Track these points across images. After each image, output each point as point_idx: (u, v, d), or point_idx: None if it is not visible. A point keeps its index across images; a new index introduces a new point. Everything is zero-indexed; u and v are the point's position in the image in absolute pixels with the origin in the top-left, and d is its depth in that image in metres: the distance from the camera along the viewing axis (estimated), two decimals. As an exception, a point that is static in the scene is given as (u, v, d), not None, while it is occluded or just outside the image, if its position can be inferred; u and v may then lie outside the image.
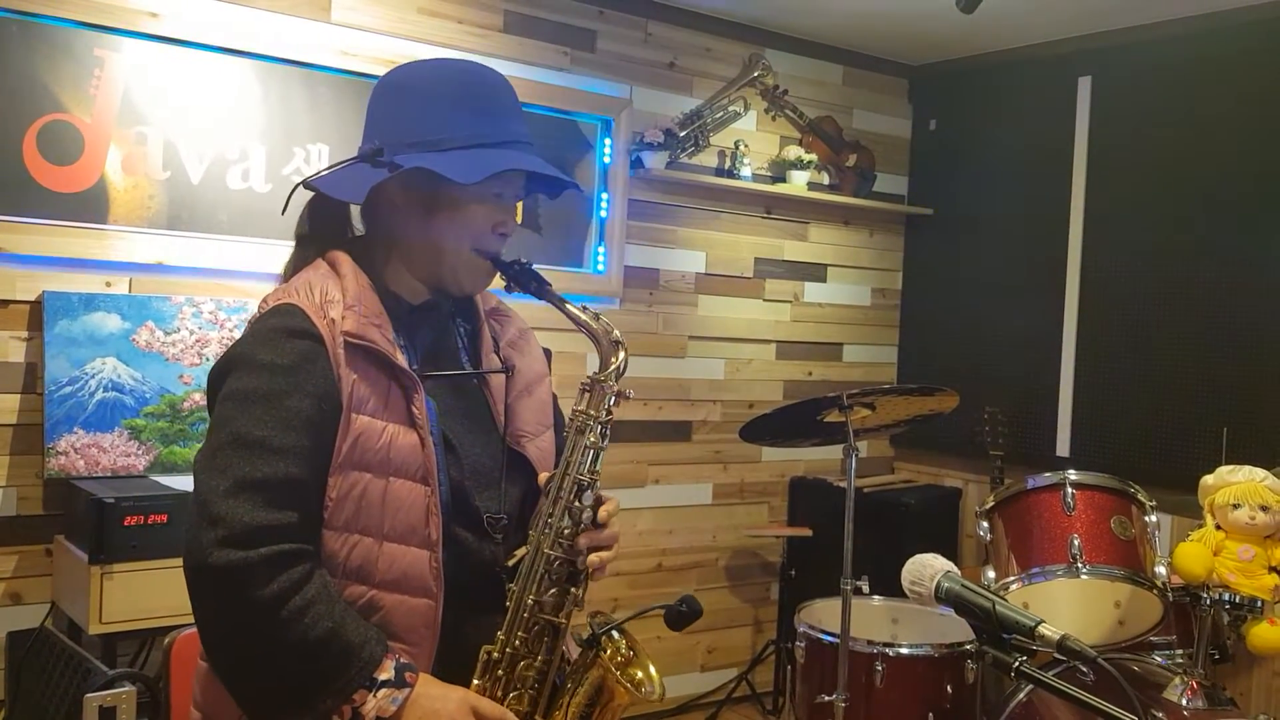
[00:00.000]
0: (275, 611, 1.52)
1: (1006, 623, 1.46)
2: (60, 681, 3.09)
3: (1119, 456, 4.49)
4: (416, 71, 1.79)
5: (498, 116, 1.75)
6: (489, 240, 1.77)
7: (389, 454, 1.64)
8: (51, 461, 3.29)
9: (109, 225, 3.46)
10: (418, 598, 1.65)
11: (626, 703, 1.73)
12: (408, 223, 1.75)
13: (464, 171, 1.66)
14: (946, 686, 3.24)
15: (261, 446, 1.56)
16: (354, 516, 1.63)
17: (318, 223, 1.82)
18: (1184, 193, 4.43)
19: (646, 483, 4.74)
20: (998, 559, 3.19)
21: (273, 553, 1.53)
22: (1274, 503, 2.89)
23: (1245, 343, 4.22)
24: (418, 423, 1.67)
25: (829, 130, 5.11)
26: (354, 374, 1.64)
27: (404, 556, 1.65)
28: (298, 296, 1.68)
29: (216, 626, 1.58)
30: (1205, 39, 4.37)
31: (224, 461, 1.56)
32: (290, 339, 1.63)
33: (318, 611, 1.54)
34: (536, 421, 1.88)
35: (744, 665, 4.99)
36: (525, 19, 4.32)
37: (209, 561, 1.52)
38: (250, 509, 1.53)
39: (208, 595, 1.56)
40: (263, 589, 1.52)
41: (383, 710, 1.56)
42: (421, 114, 1.72)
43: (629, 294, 4.63)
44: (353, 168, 1.75)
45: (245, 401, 1.60)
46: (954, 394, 3.26)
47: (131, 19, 3.46)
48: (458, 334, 1.87)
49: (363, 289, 1.71)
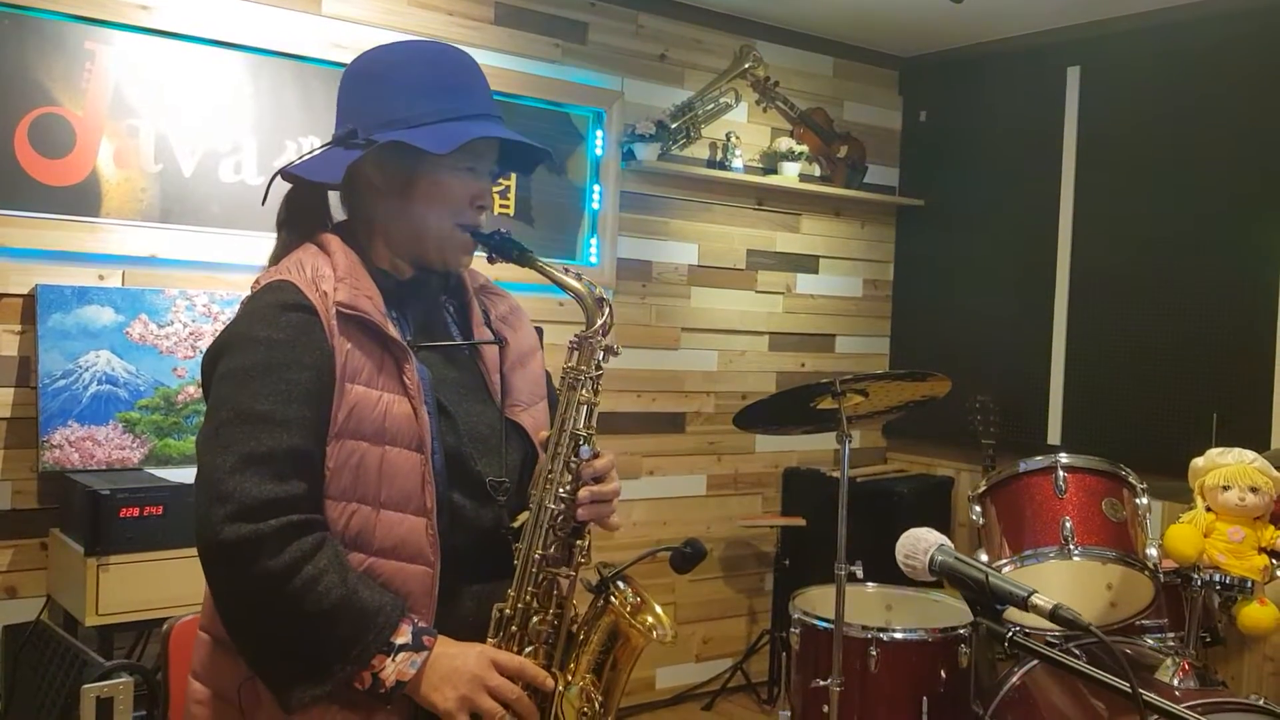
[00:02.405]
0: (288, 581, 1.54)
1: (1000, 594, 1.47)
2: (57, 674, 3.09)
3: (1109, 444, 4.50)
4: (384, 55, 1.80)
5: (466, 92, 1.77)
6: (468, 214, 1.78)
7: (384, 423, 1.65)
8: (46, 455, 3.29)
9: (101, 218, 3.46)
10: (416, 564, 1.66)
11: (641, 646, 1.76)
12: (387, 202, 1.77)
13: (436, 142, 1.68)
14: (940, 670, 3.26)
15: (264, 420, 1.57)
16: (351, 485, 1.64)
17: (296, 211, 1.83)
18: (1173, 181, 4.45)
19: (641, 474, 4.75)
20: (990, 542, 3.20)
21: (283, 524, 1.55)
22: (1263, 484, 2.91)
23: (1234, 329, 4.25)
24: (410, 391, 1.68)
25: (819, 122, 5.12)
26: (348, 344, 1.65)
27: (400, 524, 1.66)
28: (289, 274, 1.70)
29: (232, 601, 1.60)
30: (1193, 28, 4.40)
31: (227, 438, 1.57)
32: (285, 312, 1.64)
33: (331, 580, 1.56)
34: (530, 393, 1.90)
35: (739, 655, 5.01)
36: (516, 11, 4.33)
37: (220, 538, 1.53)
38: (258, 482, 1.55)
39: (221, 571, 1.58)
40: (275, 560, 1.53)
41: (402, 674, 1.58)
42: (392, 95, 1.74)
43: (622, 286, 4.64)
44: (328, 153, 1.77)
45: (244, 377, 1.61)
46: (946, 379, 3.28)
47: (123, 12, 3.46)
48: (446, 310, 1.89)
49: (353, 264, 1.73)
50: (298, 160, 1.79)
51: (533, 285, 4.20)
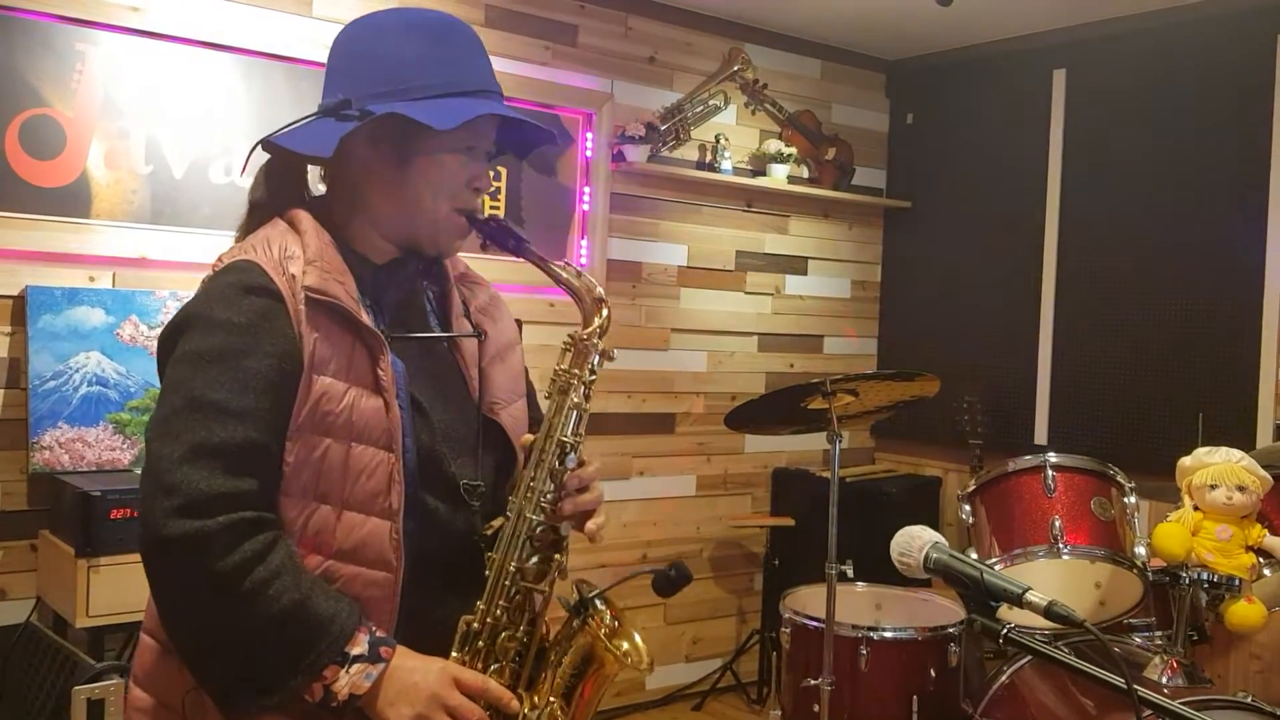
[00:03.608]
0: (237, 584, 1.43)
1: (994, 590, 1.49)
2: (47, 676, 3.08)
3: (1097, 443, 4.54)
4: (382, 20, 1.67)
5: (468, 63, 1.65)
6: (466, 196, 1.67)
7: (351, 417, 1.54)
8: (36, 456, 3.28)
9: (91, 220, 3.45)
10: (375, 570, 1.56)
11: (615, 672, 1.66)
12: (378, 180, 1.65)
13: (438, 118, 1.55)
14: (930, 669, 3.28)
15: (218, 409, 1.46)
16: (312, 483, 1.53)
17: (275, 185, 1.70)
18: (1158, 183, 4.48)
19: (631, 475, 4.76)
20: (980, 541, 3.22)
21: (233, 520, 1.43)
22: (1250, 483, 2.93)
23: (1220, 329, 4.28)
24: (383, 385, 1.57)
25: (808, 124, 5.14)
26: (315, 332, 1.54)
27: (362, 526, 1.55)
28: (254, 253, 1.58)
29: (175, 602, 1.48)
30: (1178, 31, 4.43)
31: (178, 426, 1.46)
32: (247, 295, 1.52)
33: (283, 583, 1.45)
34: (509, 389, 1.80)
35: (729, 655, 5.02)
36: (507, 13, 4.33)
37: (164, 533, 1.42)
38: (207, 475, 1.43)
39: (164, 569, 1.47)
40: (223, 560, 1.42)
41: (356, 687, 1.47)
42: (389, 63, 1.61)
43: (612, 287, 4.65)
44: (317, 123, 1.62)
45: (200, 362, 1.49)
46: (935, 378, 3.30)
47: (113, 13, 3.45)
48: (425, 296, 1.77)
49: (324, 245, 1.61)
50: (283, 129, 1.64)
51: (521, 284, 4.26)
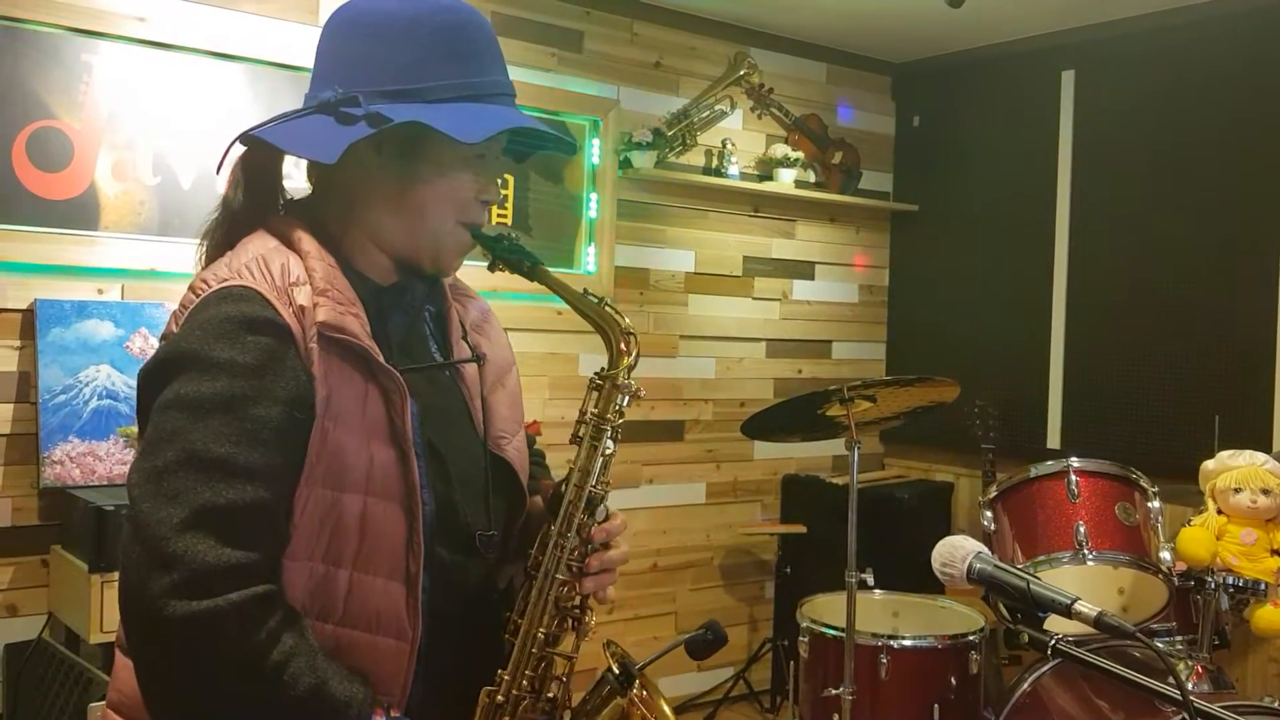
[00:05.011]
0: (251, 670, 1.26)
1: (1042, 601, 1.46)
2: (61, 692, 3.06)
3: (1110, 447, 4.50)
4: (384, 5, 1.46)
5: (483, 62, 1.48)
6: (474, 210, 1.50)
7: (367, 471, 1.38)
8: (47, 471, 3.25)
9: (100, 232, 3.43)
10: (389, 638, 1.40)
11: None
12: (381, 189, 1.47)
13: (463, 129, 1.39)
14: (950, 677, 3.26)
15: (223, 467, 1.28)
16: (320, 543, 1.37)
17: (254, 185, 1.52)
18: (1169, 184, 4.46)
19: (640, 483, 4.73)
20: (1002, 548, 3.20)
21: (245, 598, 1.26)
22: (1275, 486, 2.92)
23: (1234, 331, 4.25)
24: (401, 434, 1.40)
25: (814, 128, 5.13)
26: (329, 373, 1.37)
27: (376, 591, 1.39)
28: (251, 277, 1.38)
29: (175, 688, 1.28)
30: (1186, 31, 4.41)
31: (176, 485, 1.27)
32: (251, 332, 1.34)
33: (298, 666, 1.28)
34: (512, 418, 1.63)
35: (741, 664, 4.98)
36: (511, 20, 4.31)
37: (165, 614, 1.23)
38: (214, 545, 1.25)
39: (163, 653, 1.27)
40: (237, 644, 1.25)
41: None
42: (397, 56, 1.43)
43: (619, 294, 4.63)
44: (314, 120, 1.43)
45: (199, 410, 1.30)
46: (954, 384, 3.28)
47: (120, 24, 3.43)
48: (424, 317, 1.59)
49: (331, 270, 1.43)
50: (270, 122, 1.45)
51: (524, 287, 4.21)
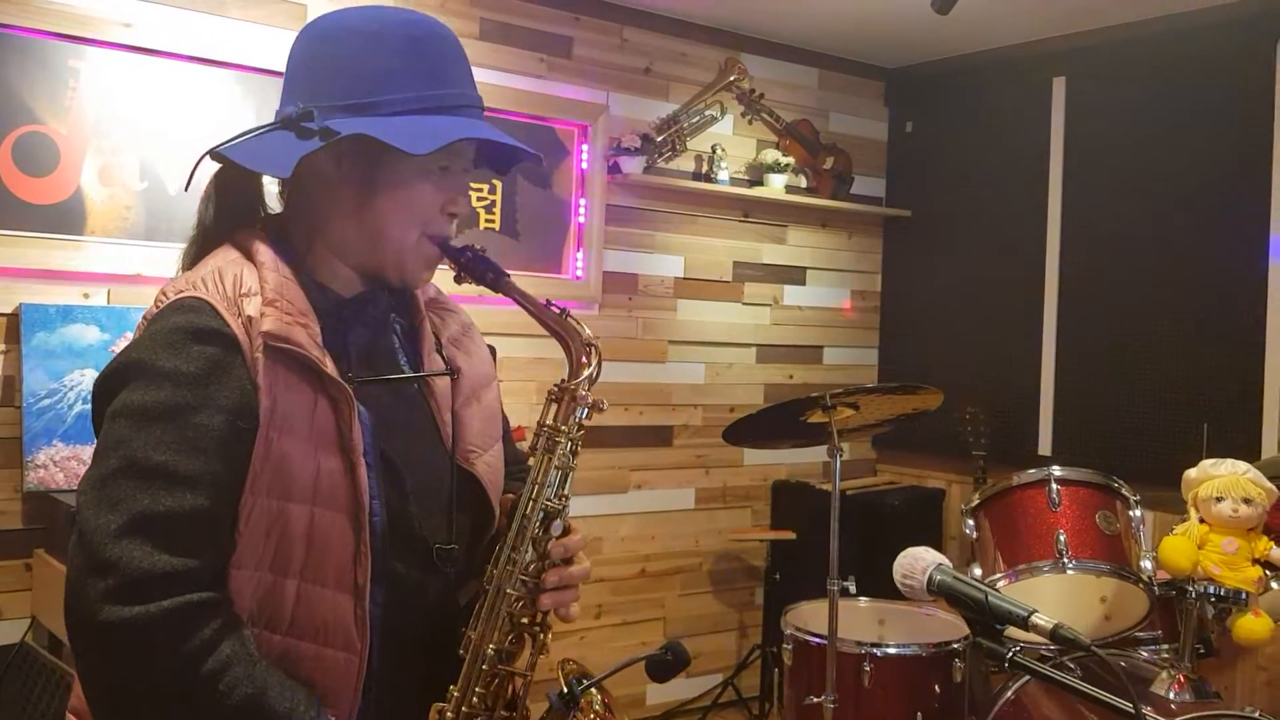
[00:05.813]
0: (184, 677, 1.26)
1: (999, 613, 1.46)
2: (43, 696, 3.06)
3: (1100, 454, 4.50)
4: (349, 20, 1.49)
5: (446, 75, 1.49)
6: (439, 222, 1.51)
7: (313, 480, 1.38)
8: (31, 475, 3.26)
9: (86, 236, 3.43)
10: (336, 650, 1.40)
11: None
12: (342, 202, 1.49)
13: (412, 140, 1.40)
14: (934, 686, 3.24)
15: (163, 474, 1.29)
16: (265, 553, 1.37)
17: (227, 201, 1.54)
18: (1160, 190, 4.46)
19: (628, 488, 4.73)
20: (984, 556, 3.19)
21: (178, 604, 1.26)
22: (1257, 495, 2.90)
23: (1224, 339, 4.25)
24: (348, 444, 1.41)
25: (805, 133, 5.12)
26: (275, 384, 1.37)
27: (324, 602, 1.39)
28: (205, 289, 1.41)
29: (109, 695, 1.30)
30: (1177, 38, 4.41)
31: (116, 493, 1.28)
32: (197, 342, 1.36)
33: (235, 675, 1.28)
34: (485, 433, 1.62)
35: (730, 670, 4.98)
36: (501, 26, 4.31)
37: (99, 619, 1.24)
38: (150, 551, 1.26)
39: (98, 658, 1.28)
40: (168, 650, 1.25)
41: None
42: (357, 71, 1.45)
43: (608, 299, 4.63)
44: (273, 135, 1.46)
45: (142, 418, 1.32)
46: (938, 392, 3.27)
47: (106, 29, 3.43)
48: (393, 330, 1.60)
49: (284, 280, 1.43)
50: (234, 139, 1.48)
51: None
